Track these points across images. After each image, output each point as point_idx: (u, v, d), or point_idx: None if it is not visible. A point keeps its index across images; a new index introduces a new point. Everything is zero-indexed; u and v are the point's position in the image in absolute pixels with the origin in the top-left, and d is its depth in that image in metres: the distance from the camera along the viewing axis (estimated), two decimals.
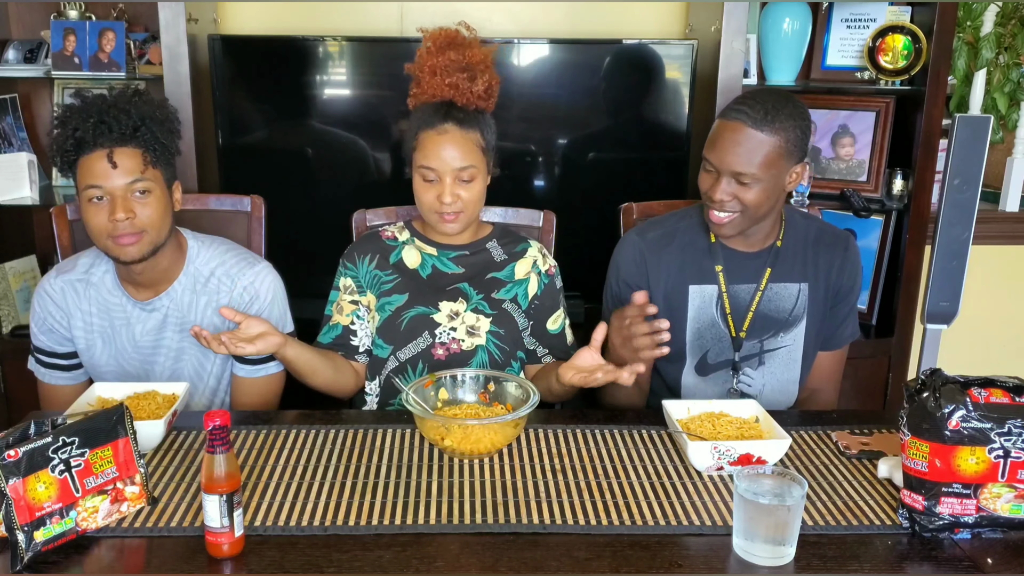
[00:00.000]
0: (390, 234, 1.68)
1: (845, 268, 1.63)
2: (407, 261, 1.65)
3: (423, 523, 1.14)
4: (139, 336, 1.59)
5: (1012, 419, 1.08)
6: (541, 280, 1.67)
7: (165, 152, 1.50)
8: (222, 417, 1.05)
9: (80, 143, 1.43)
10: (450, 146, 1.54)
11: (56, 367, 1.63)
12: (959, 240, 2.22)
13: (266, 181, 2.14)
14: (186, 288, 1.58)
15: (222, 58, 2.27)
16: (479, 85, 1.57)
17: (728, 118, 1.47)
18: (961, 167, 2.18)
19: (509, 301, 1.64)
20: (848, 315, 1.67)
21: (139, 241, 1.46)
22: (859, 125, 2.42)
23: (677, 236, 1.62)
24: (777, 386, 1.64)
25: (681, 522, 1.15)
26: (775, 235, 1.60)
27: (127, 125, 1.44)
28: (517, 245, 1.69)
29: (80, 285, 1.59)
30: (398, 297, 1.62)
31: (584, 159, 2.42)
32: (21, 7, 2.44)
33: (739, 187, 1.47)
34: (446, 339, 1.60)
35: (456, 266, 1.65)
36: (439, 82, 1.56)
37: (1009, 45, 2.45)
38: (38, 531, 1.06)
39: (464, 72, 1.56)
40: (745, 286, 1.60)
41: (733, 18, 2.21)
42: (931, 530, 1.13)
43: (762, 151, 1.44)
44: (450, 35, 1.58)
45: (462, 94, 1.57)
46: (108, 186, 1.44)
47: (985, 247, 2.54)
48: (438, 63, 1.56)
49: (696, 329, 1.61)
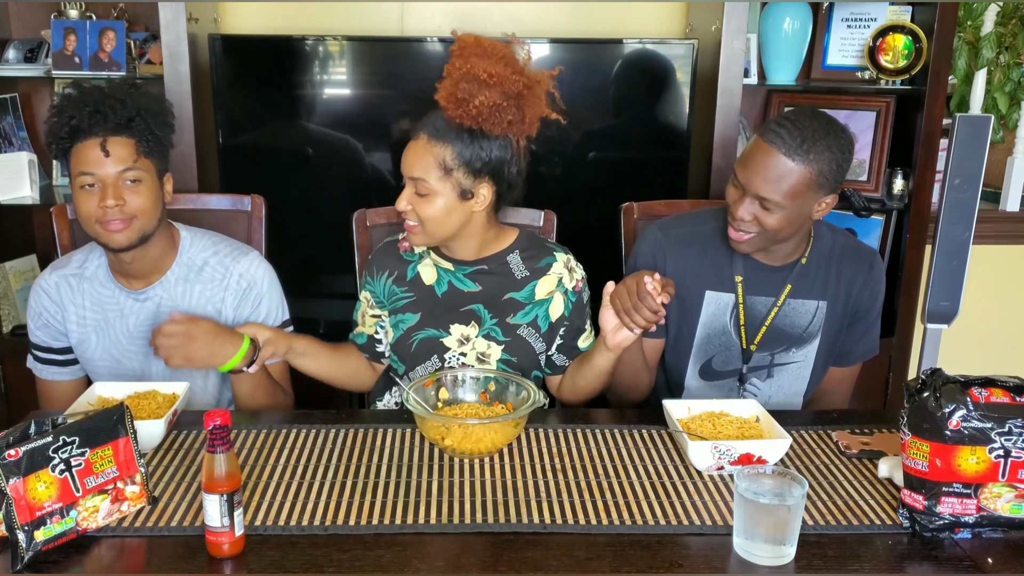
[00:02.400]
0: (408, 245, 1.59)
1: (867, 286, 1.59)
2: (424, 277, 1.60)
3: (423, 523, 1.14)
4: (133, 327, 1.59)
5: (1012, 419, 1.08)
6: (568, 300, 1.58)
7: (158, 144, 1.52)
8: (222, 417, 1.05)
9: (75, 131, 1.45)
10: (410, 154, 1.49)
11: (52, 363, 1.64)
12: (959, 240, 2.22)
13: (266, 181, 2.14)
14: (179, 277, 1.59)
15: (222, 58, 2.27)
16: (477, 103, 1.41)
17: (765, 139, 1.41)
18: (962, 167, 2.17)
19: (526, 325, 1.57)
20: (865, 333, 1.64)
21: (127, 228, 1.48)
22: (859, 125, 2.41)
23: (699, 239, 1.59)
24: (783, 398, 1.63)
25: (681, 522, 1.15)
26: (800, 252, 1.56)
27: (122, 115, 1.46)
28: (541, 259, 1.59)
29: (74, 280, 1.60)
30: (411, 316, 1.59)
31: (585, 159, 2.42)
32: (21, 7, 2.44)
33: (762, 211, 1.43)
34: (455, 363, 1.57)
35: (473, 283, 1.58)
36: (447, 87, 1.46)
37: (1010, 45, 2.45)
38: (38, 530, 1.06)
39: (471, 84, 1.43)
40: (763, 299, 1.57)
41: (733, 18, 2.20)
42: (931, 530, 1.13)
43: (790, 180, 1.39)
44: (484, 45, 1.45)
45: (457, 105, 1.44)
46: (100, 173, 1.45)
47: (986, 247, 2.54)
48: (454, 68, 1.45)
49: (705, 334, 1.60)
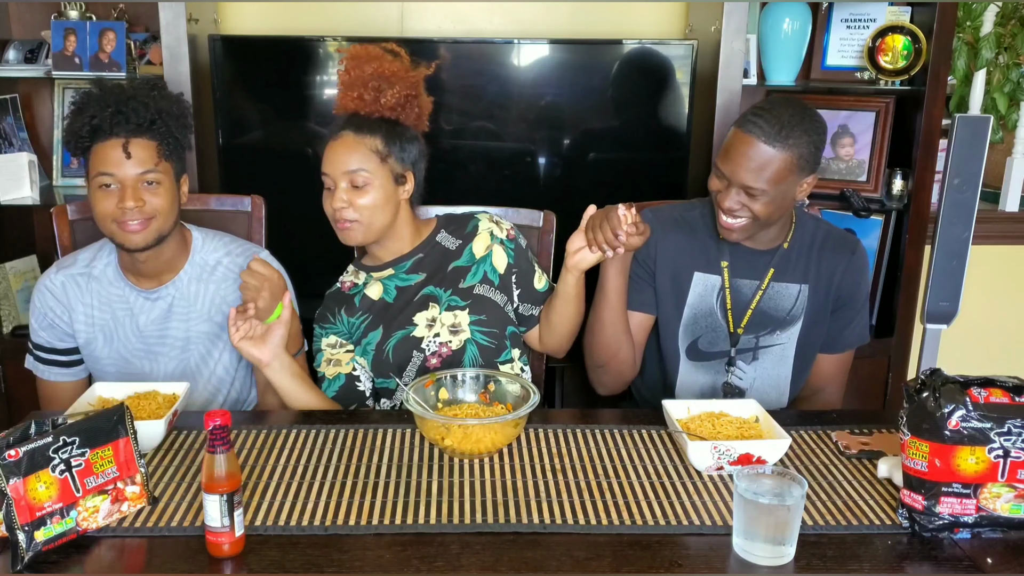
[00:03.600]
0: (348, 283, 1.67)
1: (850, 272, 1.63)
2: (371, 295, 1.64)
3: (423, 523, 1.14)
4: (143, 326, 1.59)
5: (1012, 419, 1.08)
6: (507, 248, 1.66)
7: (178, 146, 1.53)
8: (222, 417, 1.05)
9: (96, 130, 1.46)
10: (340, 150, 1.55)
11: (55, 363, 1.63)
12: (959, 240, 2.22)
13: (266, 181, 2.14)
14: (192, 278, 1.60)
15: (222, 58, 2.27)
16: (389, 97, 1.57)
17: (743, 129, 1.47)
18: (961, 167, 2.18)
19: (479, 284, 1.63)
20: (853, 320, 1.67)
21: (145, 229, 1.49)
22: (859, 125, 2.42)
23: (688, 223, 1.65)
24: (768, 381, 1.66)
25: (681, 522, 1.15)
26: (783, 237, 1.62)
27: (144, 117, 1.47)
28: (466, 225, 1.68)
29: (82, 279, 1.60)
30: (374, 334, 1.61)
31: (584, 159, 2.42)
32: (21, 7, 2.44)
33: (748, 199, 1.49)
34: (434, 347, 1.59)
35: (416, 275, 1.64)
36: (349, 95, 1.59)
37: (1009, 45, 2.45)
38: (39, 531, 1.06)
39: (374, 82, 1.57)
40: (748, 282, 1.62)
41: (733, 18, 2.21)
42: (931, 530, 1.13)
43: (773, 167, 1.45)
44: (370, 51, 1.60)
45: (367, 104, 1.57)
46: (120, 175, 1.46)
47: (985, 247, 2.54)
48: (349, 78, 1.59)
49: (692, 315, 1.64)
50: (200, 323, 1.61)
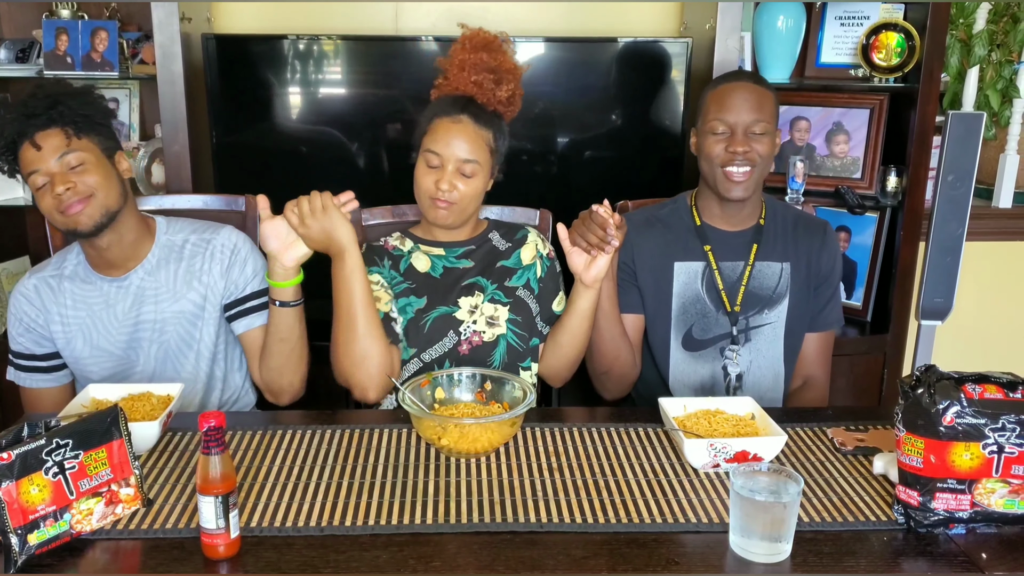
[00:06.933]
0: (393, 244, 1.68)
1: (825, 250, 1.71)
2: (418, 267, 1.64)
3: (420, 523, 1.14)
4: (121, 315, 1.60)
5: (1006, 415, 1.09)
6: (544, 264, 1.69)
7: (89, 122, 1.52)
8: (217, 418, 1.05)
9: (12, 144, 1.48)
10: (460, 136, 1.57)
11: (36, 370, 1.63)
12: (953, 236, 2.23)
13: (261, 180, 2.13)
14: (160, 259, 1.61)
15: (216, 57, 2.26)
16: (503, 91, 1.61)
17: (734, 80, 1.62)
18: (955, 164, 2.18)
19: (522, 288, 1.66)
20: (832, 297, 1.74)
21: (88, 206, 1.49)
22: (853, 122, 2.42)
23: (660, 220, 1.73)
24: (764, 363, 1.69)
25: (678, 519, 1.15)
26: (757, 215, 1.70)
27: (42, 107, 1.47)
28: (516, 233, 1.71)
29: (54, 281, 1.60)
30: (416, 300, 1.61)
31: (580, 157, 2.42)
32: (13, 6, 2.43)
33: (754, 138, 1.59)
34: (469, 334, 1.60)
35: (466, 260, 1.66)
36: (465, 77, 1.60)
37: (1001, 42, 2.46)
38: (32, 534, 1.05)
39: (491, 74, 1.60)
40: (733, 263, 1.68)
41: (727, 16, 2.21)
42: (926, 526, 1.13)
43: (769, 104, 1.61)
44: (487, 38, 1.62)
45: (484, 93, 1.60)
46: (43, 168, 1.48)
47: (979, 243, 2.55)
48: (468, 59, 1.60)
49: (681, 304, 1.68)
50: (173, 303, 1.61)
